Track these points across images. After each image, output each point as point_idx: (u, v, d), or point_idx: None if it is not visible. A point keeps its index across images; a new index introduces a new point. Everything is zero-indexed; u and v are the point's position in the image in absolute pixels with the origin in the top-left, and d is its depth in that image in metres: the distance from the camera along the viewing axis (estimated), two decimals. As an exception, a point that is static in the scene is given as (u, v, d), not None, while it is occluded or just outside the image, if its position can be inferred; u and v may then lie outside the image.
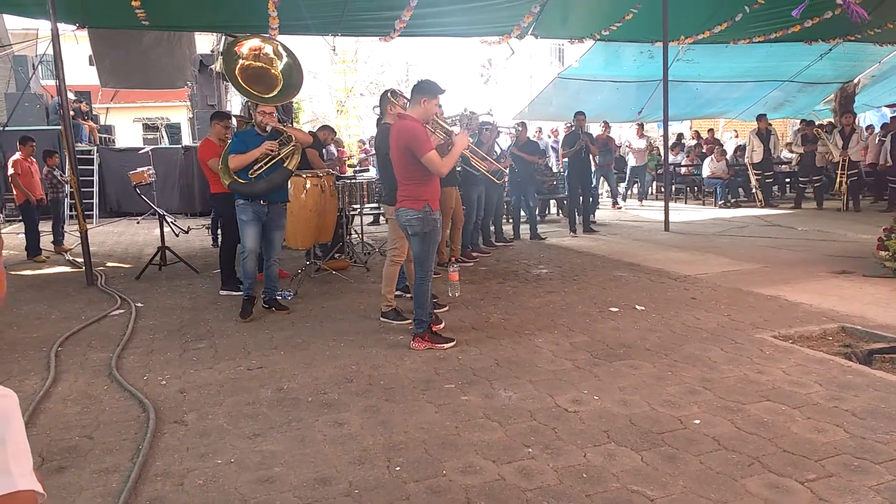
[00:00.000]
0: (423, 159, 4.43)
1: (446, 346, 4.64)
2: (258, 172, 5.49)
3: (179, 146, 14.94)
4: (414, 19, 9.64)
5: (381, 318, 5.41)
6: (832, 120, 16.14)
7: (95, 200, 13.63)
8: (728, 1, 10.49)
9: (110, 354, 4.67)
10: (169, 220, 8.73)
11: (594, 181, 12.42)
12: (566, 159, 10.63)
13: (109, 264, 8.44)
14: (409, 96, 5.17)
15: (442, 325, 5.11)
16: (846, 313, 5.17)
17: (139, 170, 8.83)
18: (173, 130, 17.16)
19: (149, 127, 18.43)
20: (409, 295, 6.01)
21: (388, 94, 5.64)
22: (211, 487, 2.87)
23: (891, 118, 13.06)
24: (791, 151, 13.58)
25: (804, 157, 12.82)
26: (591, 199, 10.94)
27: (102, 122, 18.34)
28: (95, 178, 13.82)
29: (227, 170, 5.52)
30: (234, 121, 7.51)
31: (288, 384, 4.04)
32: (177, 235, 9.43)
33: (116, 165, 13.84)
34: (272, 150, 5.52)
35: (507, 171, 9.01)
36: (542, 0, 9.95)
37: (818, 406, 3.48)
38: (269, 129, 5.58)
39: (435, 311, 5.42)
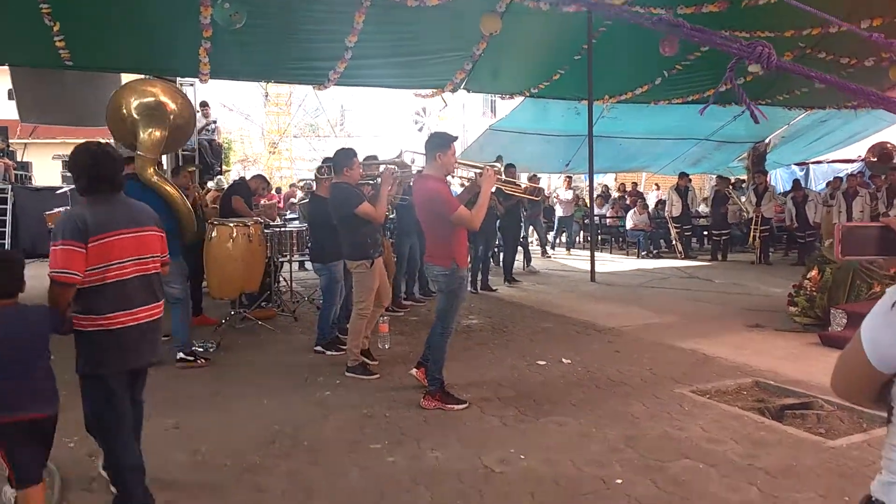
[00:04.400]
0: (452, 218, 4.37)
1: (458, 407, 4.48)
2: None
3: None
4: (348, 70, 9.73)
5: (346, 373, 5.28)
6: (743, 177, 17.10)
7: (7, 241, 12.93)
8: (647, 67, 11.06)
9: (14, 414, 4.38)
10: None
11: (524, 230, 12.67)
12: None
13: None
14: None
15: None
16: (759, 367, 5.39)
17: (56, 210, 8.48)
18: (95, 169, 16.55)
19: (68, 164, 17.75)
20: (329, 352, 5.93)
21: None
22: (118, 563, 2.70)
23: (794, 183, 13.88)
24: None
25: (716, 212, 13.52)
26: (517, 250, 11.08)
27: (20, 159, 17.55)
28: (9, 219, 13.15)
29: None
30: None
31: (205, 446, 3.89)
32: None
33: (33, 205, 13.19)
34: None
35: None
36: (473, 58, 10.24)
37: (733, 464, 3.59)
38: None
39: (367, 363, 5.37)
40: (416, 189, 4.74)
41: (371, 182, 5.67)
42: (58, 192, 12.07)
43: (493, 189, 4.97)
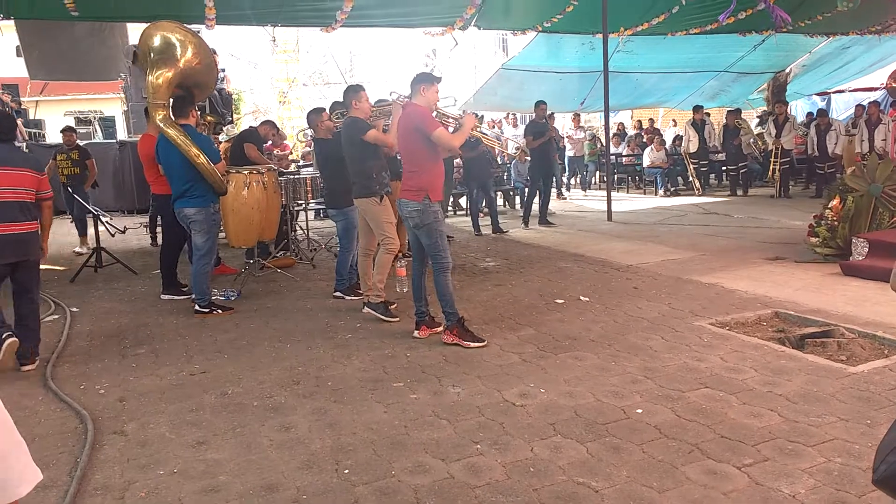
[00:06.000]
0: (433, 136, 4.47)
1: (473, 344, 4.51)
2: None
3: (114, 141, 14.42)
4: (356, 10, 9.51)
5: (366, 309, 5.32)
6: (764, 109, 16.70)
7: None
8: (664, -6, 10.70)
9: (45, 363, 4.50)
10: (104, 219, 8.44)
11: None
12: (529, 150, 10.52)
13: (42, 267, 8.09)
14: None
15: (441, 328, 4.78)
16: (779, 299, 5.37)
17: (71, 167, 8.52)
18: (107, 124, 16.56)
19: (81, 121, 17.70)
20: (349, 297, 5.97)
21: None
22: (154, 499, 2.80)
23: (818, 111, 13.57)
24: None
25: (728, 146, 13.24)
26: (550, 192, 10.90)
27: (32, 117, 17.56)
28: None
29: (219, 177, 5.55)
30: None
31: (232, 389, 3.97)
32: (112, 235, 9.11)
33: (47, 162, 13.25)
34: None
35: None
36: (483, -9, 9.95)
37: (754, 391, 3.61)
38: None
39: (389, 304, 5.39)
40: (402, 116, 4.78)
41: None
42: (72, 148, 12.04)
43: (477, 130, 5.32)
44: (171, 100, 5.67)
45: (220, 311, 5.67)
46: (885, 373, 3.77)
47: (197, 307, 5.63)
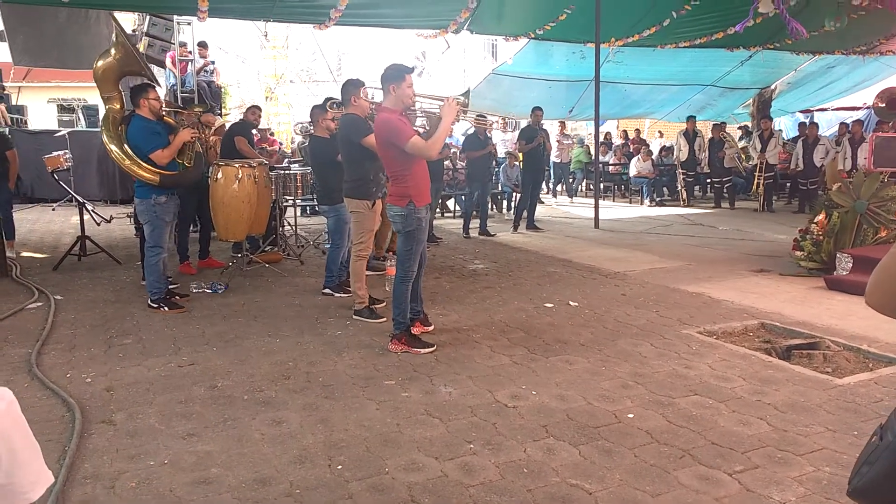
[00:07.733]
0: (407, 147, 4.19)
1: (423, 350, 4.42)
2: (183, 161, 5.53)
3: (98, 129, 14.21)
4: (350, 8, 9.48)
5: (354, 316, 5.27)
6: (747, 124, 16.93)
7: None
8: (657, 6, 10.80)
9: (29, 350, 4.42)
10: (89, 207, 8.33)
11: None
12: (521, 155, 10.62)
13: (24, 254, 7.98)
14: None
15: (431, 328, 4.89)
16: (765, 310, 5.44)
17: (55, 154, 8.39)
18: (90, 112, 16.32)
19: (64, 108, 17.45)
20: (338, 294, 5.95)
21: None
22: (144, 490, 2.77)
23: (800, 125, 13.78)
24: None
25: (712, 158, 13.42)
26: (538, 196, 10.97)
27: (14, 103, 17.28)
28: (8, 162, 12.99)
29: (144, 166, 5.34)
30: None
31: (222, 382, 3.93)
32: (98, 224, 9.00)
33: (30, 149, 13.00)
34: (195, 134, 5.62)
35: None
36: (478, -4, 9.98)
37: (742, 400, 3.65)
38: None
39: (373, 306, 5.39)
40: (375, 126, 4.51)
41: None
42: (56, 135, 11.89)
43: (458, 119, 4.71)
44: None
45: (166, 308, 5.45)
46: (871, 385, 3.83)
47: (148, 302, 5.50)
